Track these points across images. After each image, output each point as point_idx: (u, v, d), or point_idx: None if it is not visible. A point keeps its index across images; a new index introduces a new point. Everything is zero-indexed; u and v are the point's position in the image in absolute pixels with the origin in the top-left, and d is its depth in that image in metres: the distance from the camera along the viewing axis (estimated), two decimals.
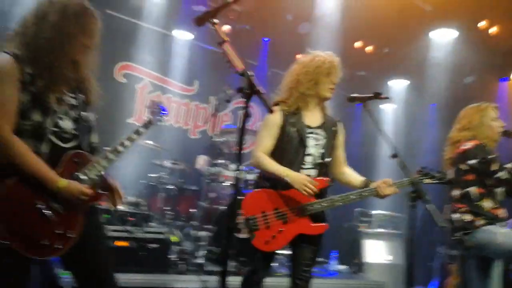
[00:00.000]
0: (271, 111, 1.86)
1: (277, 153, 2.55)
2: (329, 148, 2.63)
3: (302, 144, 2.56)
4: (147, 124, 2.18)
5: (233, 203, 4.10)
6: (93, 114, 2.07)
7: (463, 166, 2.91)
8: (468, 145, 2.90)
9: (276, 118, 2.55)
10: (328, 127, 2.66)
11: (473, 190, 2.87)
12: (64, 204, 1.83)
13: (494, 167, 2.80)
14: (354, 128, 7.58)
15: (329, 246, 5.67)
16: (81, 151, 1.93)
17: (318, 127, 2.63)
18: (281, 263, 4.25)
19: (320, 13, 5.50)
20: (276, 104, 2.61)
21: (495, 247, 2.74)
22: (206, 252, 4.16)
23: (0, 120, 1.72)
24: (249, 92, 1.71)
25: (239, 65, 1.75)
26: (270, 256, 2.60)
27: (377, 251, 5.67)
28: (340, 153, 2.75)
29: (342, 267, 5.21)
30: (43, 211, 1.77)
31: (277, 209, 2.47)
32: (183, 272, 3.66)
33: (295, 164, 2.53)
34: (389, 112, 7.11)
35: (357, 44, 6.35)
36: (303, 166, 2.55)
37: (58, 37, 1.82)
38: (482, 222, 2.81)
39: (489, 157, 2.83)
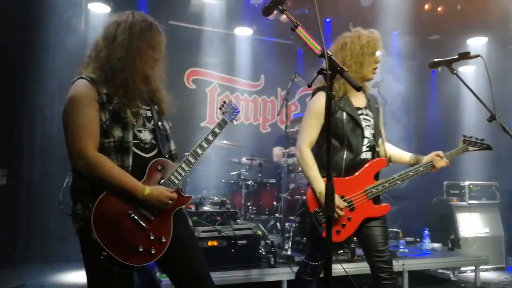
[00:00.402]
0: (359, 89, 1.68)
1: (332, 140, 2.44)
2: (378, 127, 2.60)
3: (359, 126, 2.50)
4: (222, 124, 2.25)
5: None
6: (168, 123, 2.19)
7: None
8: None
9: (322, 102, 2.43)
10: (372, 106, 2.62)
11: None
12: (154, 210, 1.94)
13: None
14: (431, 99, 7.19)
15: (420, 224, 5.49)
16: (162, 158, 2.04)
17: (365, 108, 2.58)
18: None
19: None
20: (319, 89, 2.53)
21: None
22: (292, 243, 4.25)
23: (85, 141, 1.85)
24: (331, 72, 1.66)
25: (317, 47, 1.72)
26: (341, 244, 2.57)
27: (472, 224, 5.37)
28: (383, 130, 2.70)
29: (436, 245, 4.99)
30: (136, 219, 1.88)
31: (343, 197, 2.43)
32: (274, 266, 3.77)
33: (355, 149, 2.48)
34: (468, 75, 6.59)
35: (427, 7, 5.94)
36: (362, 150, 2.52)
37: (128, 55, 1.94)
38: None
39: None
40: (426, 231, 5.03)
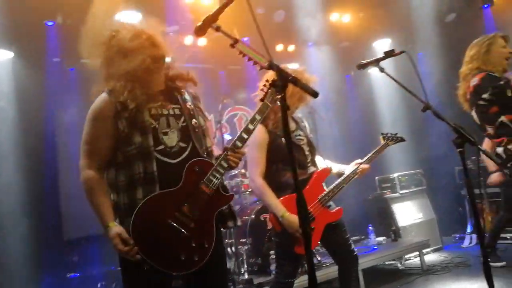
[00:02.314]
0: (315, 95, 1.65)
1: (280, 166, 2.62)
2: (311, 143, 2.82)
3: (299, 146, 2.70)
4: (263, 109, 2.09)
5: (260, 210, 4.12)
6: (203, 118, 2.13)
7: (481, 102, 2.88)
8: (475, 80, 2.88)
9: (263, 134, 2.61)
10: (301, 126, 2.85)
11: (504, 119, 2.83)
12: (195, 216, 1.86)
13: (509, 92, 2.76)
14: (351, 102, 7.62)
15: (362, 221, 5.74)
16: (200, 158, 1.96)
17: (296, 129, 2.78)
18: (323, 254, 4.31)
19: None
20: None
21: None
22: (248, 265, 4.20)
23: (85, 158, 1.91)
24: (283, 83, 1.59)
25: (262, 59, 1.67)
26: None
27: (408, 213, 5.73)
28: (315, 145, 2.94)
29: (380, 239, 5.24)
30: (176, 227, 1.83)
31: None
32: None
33: (301, 165, 2.66)
34: (378, 76, 7.10)
35: (334, 17, 6.31)
36: (307, 165, 2.72)
37: (128, 61, 1.93)
38: None
39: (500, 83, 2.80)
40: (370, 227, 5.26)
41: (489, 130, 2.88)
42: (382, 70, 2.39)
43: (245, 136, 2.01)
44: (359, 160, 2.85)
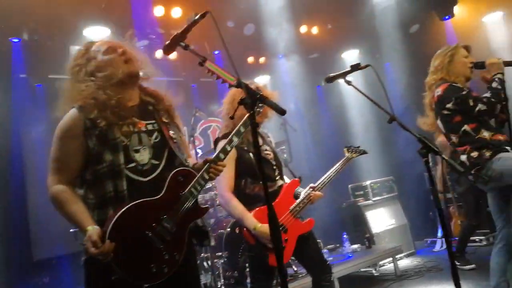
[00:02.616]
0: (282, 113, 1.72)
1: (249, 180, 2.66)
2: (277, 157, 2.87)
3: (266, 160, 2.73)
4: (247, 122, 2.02)
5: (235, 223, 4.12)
6: (179, 131, 2.08)
7: (445, 112, 2.96)
8: (439, 91, 2.96)
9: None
10: (267, 140, 2.88)
11: (467, 128, 2.89)
12: (173, 229, 1.83)
13: (471, 102, 2.83)
14: (322, 111, 7.75)
15: (337, 230, 5.80)
16: (183, 168, 1.92)
17: (263, 144, 2.82)
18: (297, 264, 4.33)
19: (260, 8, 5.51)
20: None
21: None
22: (224, 279, 4.17)
23: (53, 174, 1.85)
24: (251, 101, 1.62)
25: (230, 77, 1.69)
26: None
27: (381, 219, 5.84)
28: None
29: (355, 246, 5.31)
30: (153, 239, 1.79)
31: None
32: None
33: (270, 178, 2.71)
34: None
35: (303, 30, 6.42)
36: (276, 178, 2.76)
37: (101, 76, 1.90)
38: (489, 152, 2.80)
39: (462, 93, 2.87)
40: (344, 236, 5.32)
41: (453, 139, 2.98)
42: (348, 83, 2.45)
43: (228, 148, 2.00)
44: (313, 185, 2.84)
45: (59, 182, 1.84)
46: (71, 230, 3.84)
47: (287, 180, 2.90)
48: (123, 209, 1.75)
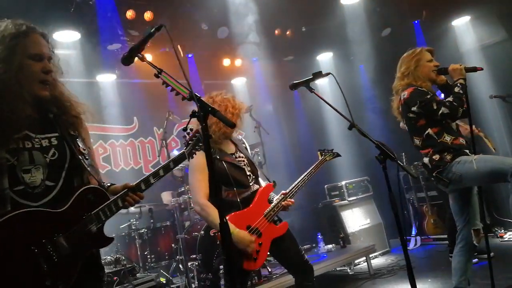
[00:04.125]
0: (233, 126, 1.83)
1: (224, 187, 2.69)
2: (252, 162, 2.91)
3: (239, 167, 2.77)
4: (178, 160, 1.95)
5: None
6: (86, 144, 1.82)
7: (410, 115, 3.03)
8: (405, 94, 3.05)
9: (202, 159, 2.62)
10: (241, 147, 2.94)
11: (430, 131, 2.98)
12: (65, 251, 1.58)
13: (435, 105, 2.91)
14: (298, 114, 7.82)
15: (313, 230, 5.87)
16: (97, 187, 1.72)
17: (236, 151, 2.87)
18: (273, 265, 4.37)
19: (233, 11, 5.54)
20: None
21: (474, 174, 2.79)
22: (199, 281, 4.18)
23: None
24: (203, 113, 1.66)
25: (184, 90, 1.73)
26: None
27: (356, 219, 5.93)
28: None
29: (330, 246, 5.37)
30: (38, 256, 1.53)
31: (249, 227, 2.64)
32: None
33: (244, 184, 2.75)
34: (325, 86, 7.33)
35: (277, 32, 6.47)
36: (250, 183, 2.80)
37: (7, 73, 1.59)
38: (450, 155, 2.89)
39: (426, 97, 2.95)
40: (319, 236, 5.38)
41: (417, 142, 3.08)
42: (311, 90, 2.52)
43: (152, 180, 1.84)
44: (284, 191, 2.87)
45: None
46: None
47: (263, 183, 2.94)
48: (10, 214, 1.49)
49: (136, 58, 1.85)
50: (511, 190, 2.71)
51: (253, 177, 2.85)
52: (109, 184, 1.88)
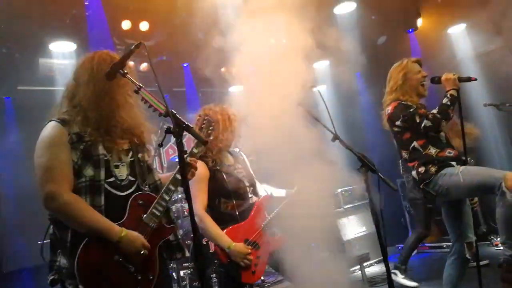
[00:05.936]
0: (205, 143, 1.96)
1: (222, 199, 2.72)
2: (250, 174, 2.93)
3: (239, 179, 2.78)
4: (201, 143, 2.12)
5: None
6: (149, 153, 2.15)
7: (395, 129, 3.06)
8: (389, 109, 3.07)
9: (203, 170, 2.68)
10: (239, 159, 2.95)
11: (415, 144, 2.98)
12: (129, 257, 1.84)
13: (417, 119, 2.92)
14: None
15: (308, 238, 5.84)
16: (144, 191, 1.98)
17: (234, 163, 2.88)
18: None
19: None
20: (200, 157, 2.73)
21: (461, 187, 2.77)
22: None
23: (58, 183, 1.78)
24: (178, 130, 1.71)
25: (161, 107, 1.79)
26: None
27: (351, 226, 5.90)
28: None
29: (324, 255, 5.35)
30: (122, 262, 1.81)
31: (247, 240, 2.65)
32: None
33: (242, 197, 2.76)
34: (322, 93, 7.34)
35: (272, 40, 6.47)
36: (248, 196, 2.80)
37: (95, 93, 1.92)
38: (434, 168, 2.88)
39: (409, 111, 2.95)
40: (312, 244, 5.36)
41: (404, 155, 3.09)
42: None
43: (173, 187, 2.03)
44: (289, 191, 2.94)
45: (66, 190, 1.79)
46: (39, 242, 3.84)
47: (263, 193, 2.95)
48: (85, 240, 1.75)
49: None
50: (498, 203, 2.70)
51: (252, 189, 2.87)
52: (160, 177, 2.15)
